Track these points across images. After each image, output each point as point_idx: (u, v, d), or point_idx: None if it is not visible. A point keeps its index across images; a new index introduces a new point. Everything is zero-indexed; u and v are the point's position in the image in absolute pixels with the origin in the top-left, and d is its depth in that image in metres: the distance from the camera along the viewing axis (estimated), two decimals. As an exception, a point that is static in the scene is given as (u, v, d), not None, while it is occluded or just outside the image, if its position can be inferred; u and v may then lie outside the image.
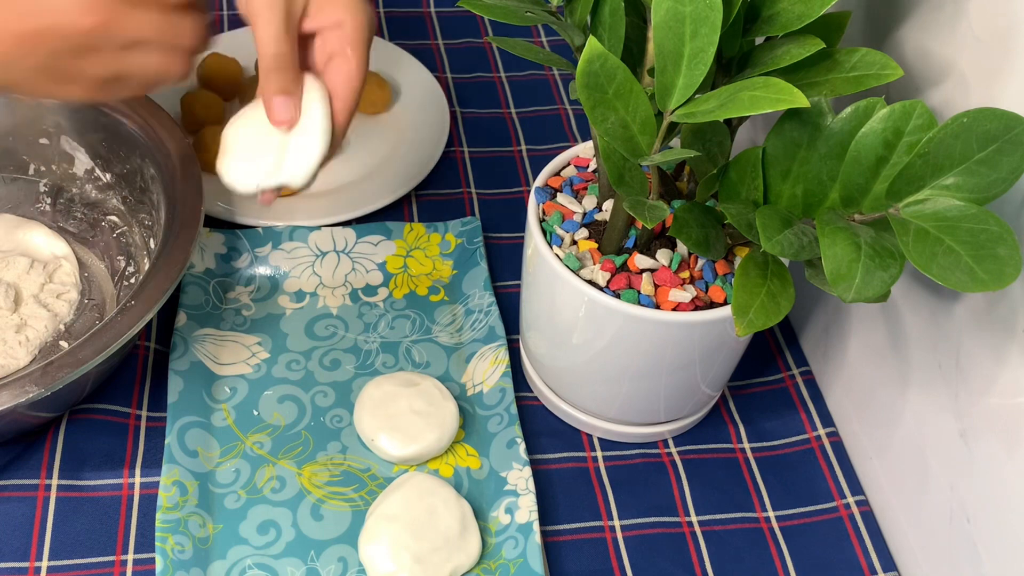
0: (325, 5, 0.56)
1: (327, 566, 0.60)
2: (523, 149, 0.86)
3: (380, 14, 0.96)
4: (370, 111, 0.86)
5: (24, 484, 0.61)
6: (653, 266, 0.58)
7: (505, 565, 0.60)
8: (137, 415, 0.66)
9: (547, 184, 0.64)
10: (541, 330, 0.65)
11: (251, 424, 0.66)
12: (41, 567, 0.58)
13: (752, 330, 0.51)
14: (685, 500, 0.66)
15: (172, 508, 0.60)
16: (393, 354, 0.71)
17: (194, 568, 0.58)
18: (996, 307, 0.53)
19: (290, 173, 0.56)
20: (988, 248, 0.45)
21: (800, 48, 0.51)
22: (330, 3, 0.56)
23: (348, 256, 0.75)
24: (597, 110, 0.51)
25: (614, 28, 0.53)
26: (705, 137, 0.56)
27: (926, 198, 0.47)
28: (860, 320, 0.67)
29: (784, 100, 0.47)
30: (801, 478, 0.67)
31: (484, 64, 0.93)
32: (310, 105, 0.56)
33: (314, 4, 0.56)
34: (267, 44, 0.54)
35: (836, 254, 0.47)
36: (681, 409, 0.66)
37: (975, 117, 0.46)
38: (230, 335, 0.70)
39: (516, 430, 0.65)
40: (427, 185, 0.82)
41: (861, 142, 0.49)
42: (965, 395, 0.57)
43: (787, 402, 0.72)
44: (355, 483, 0.64)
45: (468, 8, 0.55)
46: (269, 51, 0.54)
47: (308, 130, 0.56)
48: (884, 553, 0.64)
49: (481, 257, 0.75)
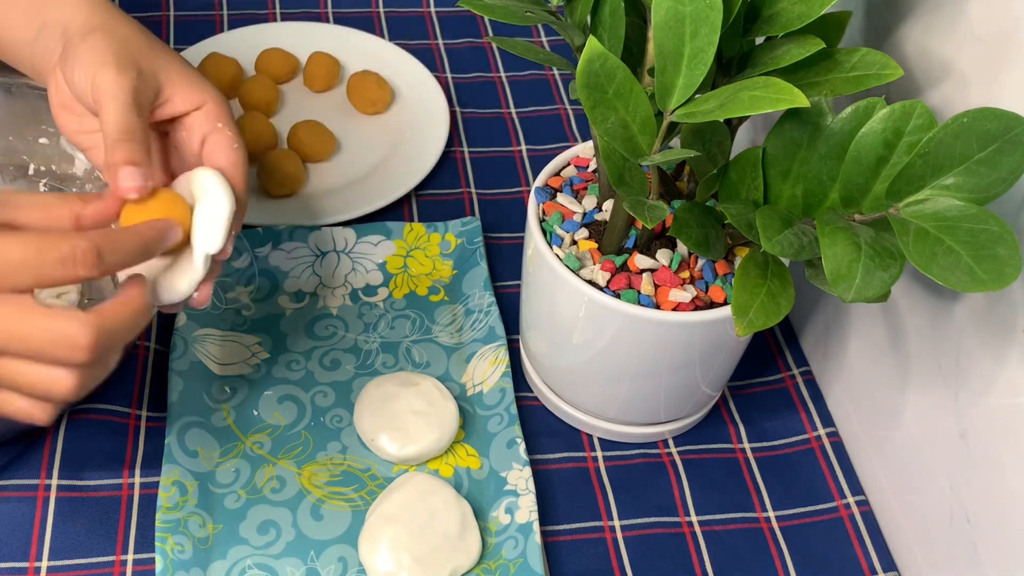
0: (181, 91, 0.56)
1: (327, 566, 0.60)
2: (523, 149, 0.86)
3: (380, 14, 0.96)
4: (370, 111, 0.86)
5: (24, 484, 0.61)
6: (653, 266, 0.58)
7: (505, 565, 0.60)
8: (137, 415, 0.66)
9: (547, 184, 0.64)
10: (541, 330, 0.65)
11: (251, 424, 0.66)
12: (41, 567, 0.58)
13: (752, 330, 0.51)
14: (685, 500, 0.66)
15: (172, 508, 0.60)
16: (393, 354, 0.71)
17: (194, 568, 0.58)
18: (996, 307, 0.53)
19: (206, 243, 0.53)
20: (988, 248, 0.45)
21: (800, 48, 0.51)
22: (186, 88, 0.56)
23: (348, 256, 0.75)
24: (597, 110, 0.51)
25: (614, 28, 0.53)
26: (705, 137, 0.56)
27: (926, 198, 0.47)
28: (860, 320, 0.67)
29: (784, 100, 0.47)
30: (801, 478, 0.67)
31: (484, 64, 0.93)
32: (204, 180, 0.54)
33: (168, 91, 0.56)
34: (112, 119, 0.52)
35: (836, 254, 0.47)
36: (681, 409, 0.66)
37: (975, 117, 0.46)
38: (230, 335, 0.70)
39: (516, 430, 0.65)
40: (427, 185, 0.82)
41: (861, 142, 0.49)
42: (965, 395, 0.57)
43: (787, 402, 0.72)
44: (355, 483, 0.64)
45: (468, 8, 0.55)
46: (113, 124, 0.52)
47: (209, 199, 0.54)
48: (884, 553, 0.64)
49: (481, 257, 0.75)
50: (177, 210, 0.53)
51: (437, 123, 0.85)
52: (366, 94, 0.85)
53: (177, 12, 0.94)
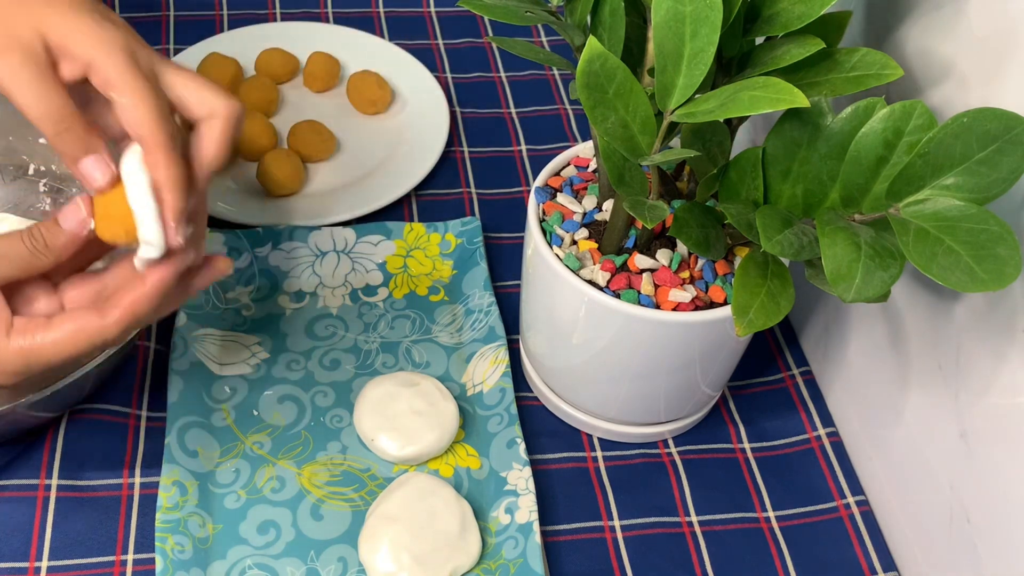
0: (69, 45, 0.47)
1: (327, 566, 0.60)
2: (523, 149, 0.86)
3: (380, 14, 0.96)
4: (370, 111, 0.86)
5: (24, 484, 0.61)
6: (653, 266, 0.58)
7: (505, 565, 0.60)
8: (137, 415, 0.66)
9: (547, 184, 0.64)
10: (541, 330, 0.65)
11: (251, 424, 0.66)
12: (41, 567, 0.58)
13: (752, 330, 0.51)
14: (685, 500, 0.66)
15: (172, 508, 0.60)
16: (393, 354, 0.71)
17: (194, 568, 0.58)
18: (996, 307, 0.53)
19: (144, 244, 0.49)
20: (988, 248, 0.45)
21: (800, 48, 0.51)
22: (73, 42, 0.47)
23: (348, 256, 0.75)
24: (597, 110, 0.51)
25: (614, 28, 0.53)
26: (705, 137, 0.56)
27: (926, 198, 0.47)
28: (860, 320, 0.67)
29: (784, 100, 0.47)
30: (801, 478, 0.67)
31: (484, 64, 0.93)
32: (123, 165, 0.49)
33: (57, 46, 0.47)
34: (34, 107, 0.46)
35: (836, 254, 0.47)
36: (681, 409, 0.66)
37: (975, 117, 0.46)
38: (230, 335, 0.70)
39: (516, 430, 0.65)
40: (427, 185, 0.82)
41: (861, 142, 0.49)
42: (965, 395, 0.57)
43: (787, 402, 0.72)
44: (355, 483, 0.64)
45: (468, 8, 0.55)
46: (40, 114, 0.46)
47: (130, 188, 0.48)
48: (884, 553, 0.64)
49: (481, 257, 0.75)
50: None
51: (437, 123, 0.85)
52: (366, 94, 0.85)
53: (177, 12, 0.94)
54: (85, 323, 0.49)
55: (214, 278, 0.54)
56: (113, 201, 0.49)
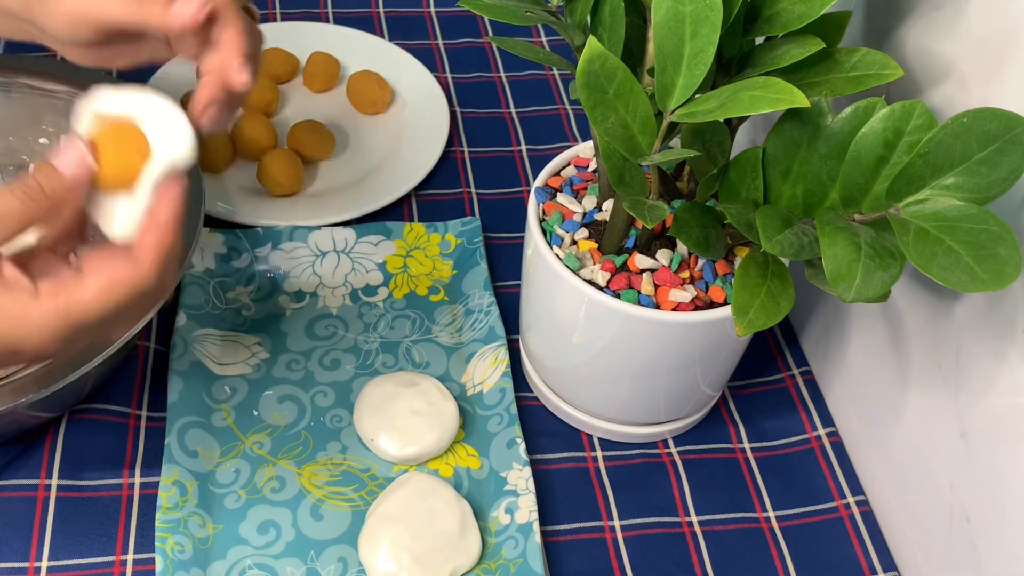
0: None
1: (327, 566, 0.60)
2: (523, 149, 0.86)
3: (380, 14, 0.97)
4: (370, 111, 0.86)
5: (24, 484, 0.61)
6: (653, 266, 0.58)
7: (505, 565, 0.60)
8: (137, 415, 0.66)
9: (547, 184, 0.64)
10: (541, 330, 0.65)
11: (251, 424, 0.66)
12: (41, 567, 0.58)
13: (752, 330, 0.51)
14: (685, 500, 0.66)
15: (172, 508, 0.60)
16: (393, 354, 0.71)
17: (194, 568, 0.58)
18: (996, 307, 0.53)
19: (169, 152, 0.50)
20: (988, 248, 0.45)
21: (800, 48, 0.51)
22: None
23: (348, 256, 0.75)
24: (597, 110, 0.51)
25: (614, 28, 0.53)
26: (705, 137, 0.56)
27: (926, 198, 0.48)
28: (860, 320, 0.67)
29: (784, 100, 0.47)
30: (801, 478, 0.67)
31: (484, 64, 0.93)
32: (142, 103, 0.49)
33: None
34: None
35: (836, 254, 0.47)
36: (681, 409, 0.66)
37: (975, 117, 0.46)
38: (230, 335, 0.70)
39: (516, 430, 0.65)
40: (427, 185, 0.82)
41: (861, 142, 0.49)
42: (965, 395, 0.57)
43: (787, 402, 0.72)
44: (355, 483, 0.64)
45: (468, 8, 0.55)
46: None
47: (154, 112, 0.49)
48: (884, 553, 0.64)
49: (481, 257, 0.75)
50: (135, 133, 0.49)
51: (437, 123, 0.85)
52: (366, 94, 0.85)
53: (177, 12, 0.94)
54: (119, 271, 0.46)
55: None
56: (116, 134, 0.48)
